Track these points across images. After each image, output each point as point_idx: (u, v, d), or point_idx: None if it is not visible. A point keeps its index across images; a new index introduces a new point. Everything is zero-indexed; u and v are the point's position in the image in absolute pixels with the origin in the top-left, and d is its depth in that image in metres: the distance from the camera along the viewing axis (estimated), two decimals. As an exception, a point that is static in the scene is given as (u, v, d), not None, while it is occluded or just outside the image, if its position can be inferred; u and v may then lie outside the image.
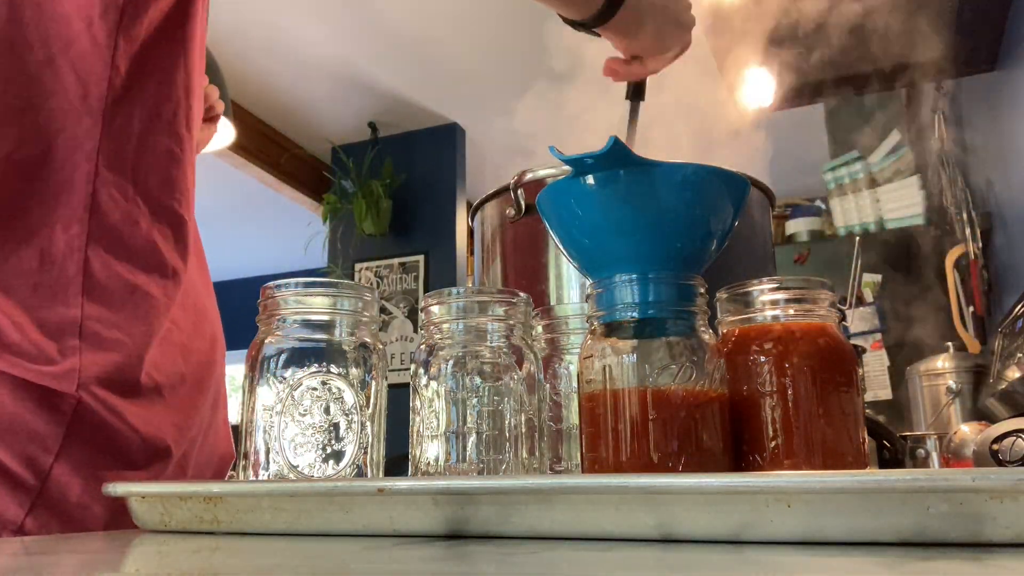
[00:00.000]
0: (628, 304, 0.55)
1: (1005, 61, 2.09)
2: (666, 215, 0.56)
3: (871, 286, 2.64)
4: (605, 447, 0.53)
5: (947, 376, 1.82)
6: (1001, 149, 2.15)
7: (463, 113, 4.04)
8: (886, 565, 0.33)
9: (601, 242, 0.57)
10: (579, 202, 0.57)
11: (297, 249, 4.23)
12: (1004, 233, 2.23)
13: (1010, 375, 1.27)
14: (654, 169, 0.55)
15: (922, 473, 0.38)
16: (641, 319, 0.54)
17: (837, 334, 0.57)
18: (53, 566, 0.43)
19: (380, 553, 0.41)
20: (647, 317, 0.54)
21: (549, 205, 0.59)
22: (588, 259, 0.59)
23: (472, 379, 0.59)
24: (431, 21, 3.30)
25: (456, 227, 4.07)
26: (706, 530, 0.40)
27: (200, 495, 0.52)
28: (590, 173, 0.55)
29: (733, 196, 0.58)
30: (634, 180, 0.55)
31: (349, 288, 0.63)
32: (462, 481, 0.47)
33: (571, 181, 0.56)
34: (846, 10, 1.92)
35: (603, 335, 0.56)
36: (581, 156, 0.53)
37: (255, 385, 0.60)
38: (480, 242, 1.08)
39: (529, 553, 0.39)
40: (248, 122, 3.70)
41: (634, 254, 0.55)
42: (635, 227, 0.56)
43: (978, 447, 1.00)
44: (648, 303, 0.54)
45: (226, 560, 0.41)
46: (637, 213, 0.55)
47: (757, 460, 0.54)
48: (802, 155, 2.90)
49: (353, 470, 0.59)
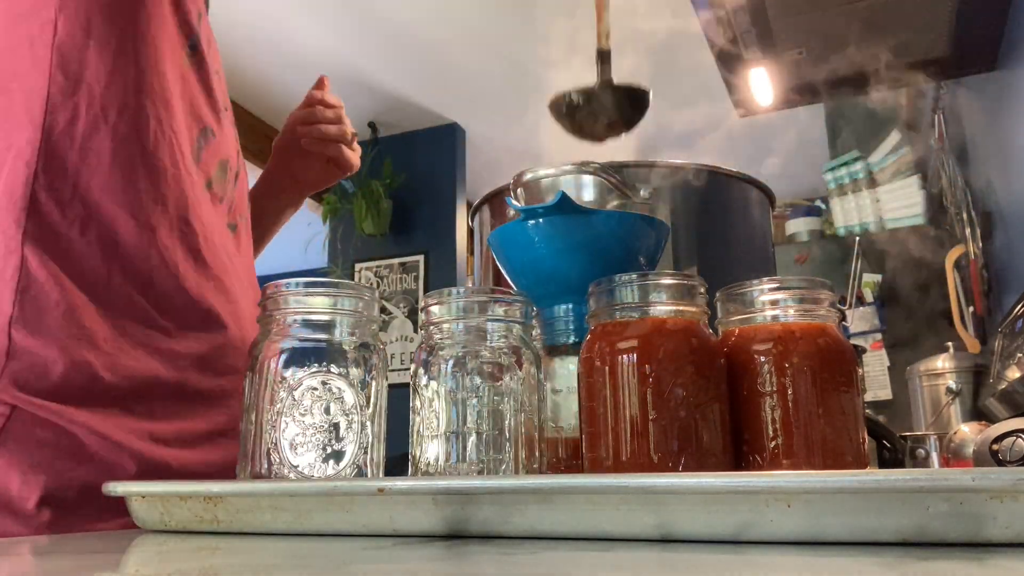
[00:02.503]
0: (629, 304, 0.55)
1: (1005, 61, 2.09)
2: (600, 253, 0.67)
3: (871, 286, 2.64)
4: (605, 447, 0.54)
5: (947, 376, 1.82)
6: (1001, 149, 2.15)
7: (463, 113, 4.04)
8: (886, 565, 0.33)
9: (544, 275, 0.69)
10: (527, 242, 0.68)
11: (297, 249, 4.23)
12: (1004, 233, 2.23)
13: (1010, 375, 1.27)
14: (591, 217, 0.68)
15: (922, 473, 0.38)
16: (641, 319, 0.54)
17: (837, 334, 0.57)
18: (53, 566, 0.43)
19: (380, 553, 0.41)
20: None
21: (499, 245, 0.71)
22: (534, 287, 0.69)
23: (472, 379, 0.59)
24: (431, 21, 3.30)
25: (456, 227, 4.07)
26: (706, 530, 0.40)
27: (200, 495, 0.52)
28: (540, 219, 0.67)
29: (657, 236, 0.71)
30: (576, 225, 0.67)
31: (349, 288, 0.63)
32: (462, 481, 0.47)
33: (520, 224, 0.68)
34: (846, 10, 1.92)
35: (603, 335, 0.56)
36: (534, 207, 0.67)
37: (255, 385, 0.60)
38: (480, 242, 1.08)
39: (529, 553, 0.39)
40: (248, 122, 3.69)
41: (576, 286, 0.63)
42: (574, 263, 0.67)
43: (978, 447, 1.00)
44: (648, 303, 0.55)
45: (226, 560, 0.41)
46: (577, 251, 0.67)
47: (757, 460, 0.54)
48: (802, 155, 2.90)
49: (353, 470, 0.59)
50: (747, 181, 0.98)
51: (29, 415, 0.67)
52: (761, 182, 1.00)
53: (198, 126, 0.81)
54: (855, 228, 2.85)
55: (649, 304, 0.55)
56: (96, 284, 0.72)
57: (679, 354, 0.53)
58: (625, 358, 0.54)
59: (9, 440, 0.67)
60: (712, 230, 0.96)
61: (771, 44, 2.06)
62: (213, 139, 0.83)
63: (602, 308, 0.57)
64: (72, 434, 0.68)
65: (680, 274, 0.57)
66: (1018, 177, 1.99)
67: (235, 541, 0.48)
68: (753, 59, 2.12)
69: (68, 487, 0.67)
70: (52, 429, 0.67)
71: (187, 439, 0.75)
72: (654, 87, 0.98)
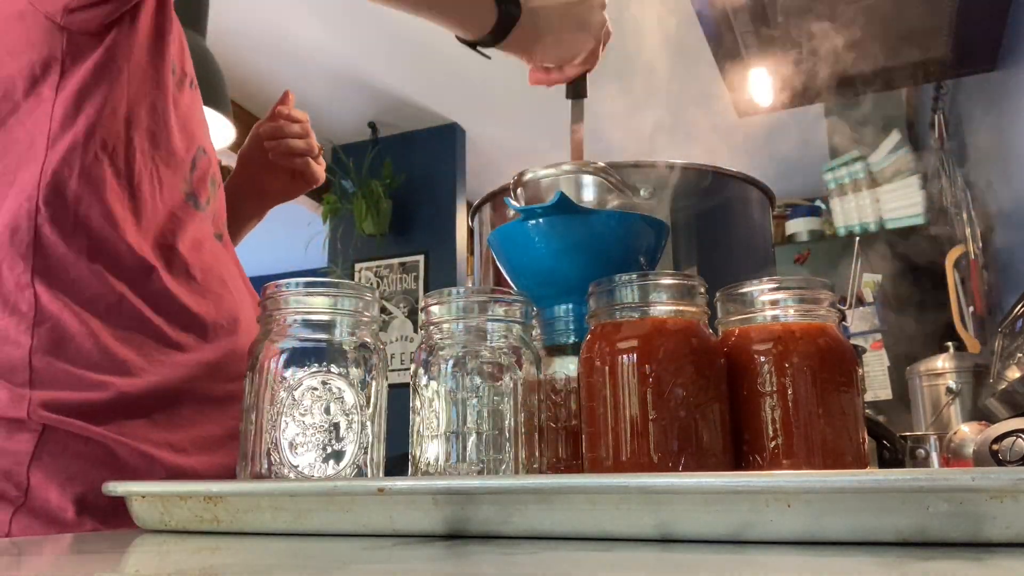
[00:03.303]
0: (629, 304, 0.55)
1: (1005, 61, 2.09)
2: (600, 253, 0.67)
3: (871, 286, 2.64)
4: (605, 447, 0.54)
5: (947, 376, 1.82)
6: (1001, 149, 2.15)
7: (463, 113, 4.04)
8: (886, 565, 0.33)
9: (544, 275, 0.69)
10: (526, 242, 0.69)
11: (297, 249, 4.23)
12: (1004, 233, 2.23)
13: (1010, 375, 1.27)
14: (590, 217, 0.68)
15: (922, 473, 0.38)
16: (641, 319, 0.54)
17: (837, 334, 0.57)
18: (53, 566, 0.43)
19: (380, 553, 0.41)
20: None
21: (499, 245, 0.71)
22: (534, 287, 0.69)
23: (472, 379, 0.59)
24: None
25: (456, 227, 4.07)
26: (706, 530, 0.40)
27: (200, 495, 0.52)
28: (539, 219, 0.67)
29: (657, 236, 0.71)
30: (576, 225, 0.66)
31: (349, 288, 0.63)
32: (462, 481, 0.47)
33: (520, 224, 0.68)
34: (846, 10, 1.92)
35: (603, 335, 0.56)
36: (533, 207, 0.67)
37: (255, 385, 0.60)
38: (480, 242, 1.08)
39: (529, 553, 0.39)
40: (248, 122, 3.69)
41: (576, 286, 0.63)
42: (573, 263, 0.67)
43: (978, 447, 1.00)
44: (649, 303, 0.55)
45: (226, 560, 0.41)
46: (577, 251, 0.67)
47: (757, 460, 0.54)
48: (802, 155, 2.90)
49: (353, 470, 0.59)
50: (747, 181, 0.98)
51: (61, 432, 0.70)
52: (761, 182, 0.99)
53: (194, 146, 0.84)
54: (855, 228, 2.85)
55: (649, 304, 0.55)
56: (108, 309, 0.74)
57: (679, 354, 0.53)
58: (625, 358, 0.54)
59: (44, 455, 0.70)
60: (712, 230, 0.96)
61: (771, 44, 2.06)
62: (204, 156, 0.86)
63: (602, 308, 0.57)
64: (104, 445, 0.71)
65: (680, 274, 0.57)
66: (1018, 177, 1.99)
67: (235, 541, 0.48)
68: (753, 59, 2.12)
69: (104, 495, 0.69)
70: (84, 442, 0.70)
71: (203, 444, 0.77)
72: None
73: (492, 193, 1.05)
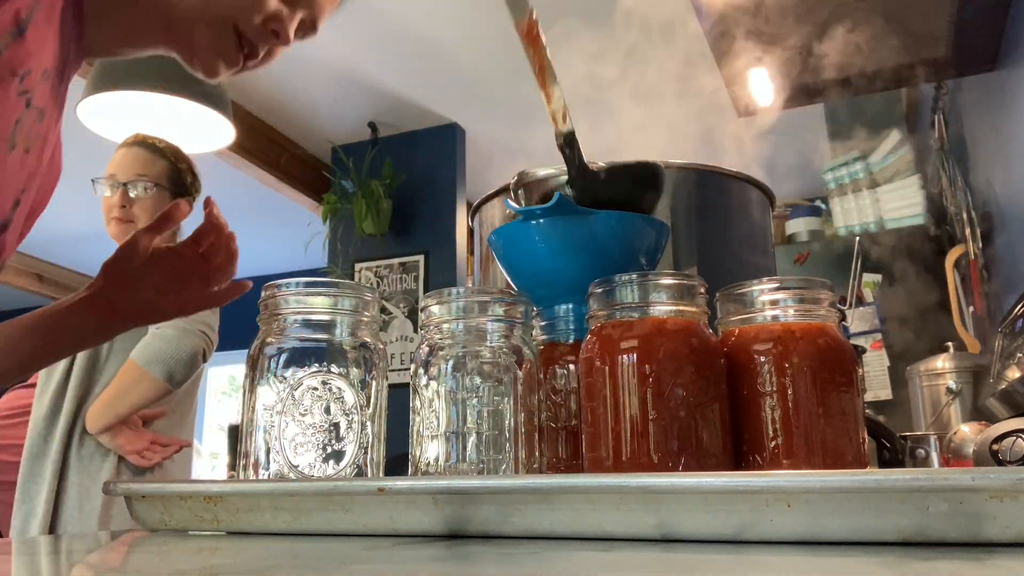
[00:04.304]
0: (629, 304, 0.55)
1: (1005, 61, 2.09)
2: (600, 253, 0.67)
3: (871, 286, 2.63)
4: (605, 447, 0.53)
5: (947, 376, 1.81)
6: (1001, 149, 2.15)
7: (463, 113, 4.04)
8: (886, 565, 0.33)
9: (544, 275, 0.69)
10: (526, 242, 0.69)
11: (297, 249, 4.22)
12: (1004, 233, 2.23)
13: (1010, 375, 1.26)
14: (590, 217, 0.67)
15: (922, 473, 0.38)
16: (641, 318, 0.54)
17: (837, 334, 0.57)
18: (53, 566, 0.43)
19: (380, 553, 0.41)
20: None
21: (499, 245, 0.71)
22: (534, 288, 0.69)
23: (472, 379, 0.59)
24: (431, 21, 3.30)
25: (456, 227, 4.07)
26: (706, 530, 0.40)
27: (200, 495, 0.52)
28: (539, 219, 0.66)
29: (657, 236, 0.70)
30: (575, 225, 0.66)
31: (349, 288, 0.63)
32: (462, 481, 0.47)
33: (520, 225, 0.68)
34: (847, 10, 1.92)
35: (603, 335, 0.56)
36: (532, 208, 0.67)
37: (256, 385, 0.60)
38: (480, 242, 1.08)
39: (529, 553, 0.39)
40: (248, 122, 3.69)
41: (576, 286, 0.63)
42: (573, 263, 0.67)
43: (978, 447, 1.00)
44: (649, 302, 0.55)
45: (226, 560, 0.41)
46: (577, 251, 0.67)
47: (757, 460, 0.54)
48: (802, 155, 2.90)
49: (353, 470, 0.59)
50: (747, 181, 0.98)
51: None
52: (761, 182, 0.99)
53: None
54: (855, 228, 2.85)
55: (649, 304, 0.55)
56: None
57: (679, 354, 0.53)
58: (625, 358, 0.54)
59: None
60: (712, 230, 0.96)
61: (771, 44, 2.06)
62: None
63: (602, 308, 0.57)
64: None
65: (680, 274, 0.57)
66: (1018, 177, 1.99)
67: (235, 541, 0.48)
68: (753, 59, 2.12)
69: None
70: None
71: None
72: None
73: (492, 193, 1.05)
